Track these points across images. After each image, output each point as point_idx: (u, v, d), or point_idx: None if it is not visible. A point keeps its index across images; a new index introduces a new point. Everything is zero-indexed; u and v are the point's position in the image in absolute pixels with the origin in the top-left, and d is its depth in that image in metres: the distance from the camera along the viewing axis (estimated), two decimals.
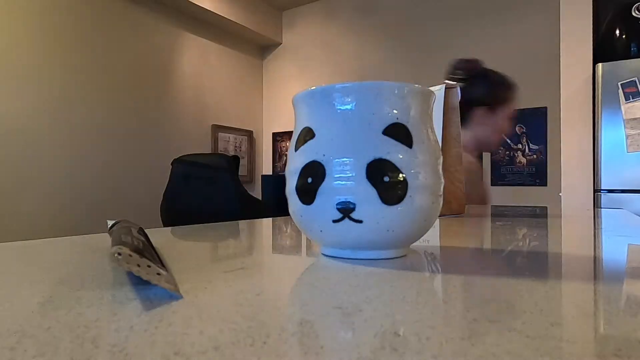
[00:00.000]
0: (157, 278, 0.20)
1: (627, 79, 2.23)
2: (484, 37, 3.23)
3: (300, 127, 0.31)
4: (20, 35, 2.59)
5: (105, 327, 0.16)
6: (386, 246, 0.29)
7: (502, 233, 0.50)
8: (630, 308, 0.19)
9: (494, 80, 1.44)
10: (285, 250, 0.37)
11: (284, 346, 0.14)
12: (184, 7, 3.55)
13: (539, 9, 3.03)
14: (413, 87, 0.29)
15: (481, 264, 0.31)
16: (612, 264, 0.31)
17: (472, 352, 0.13)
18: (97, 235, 0.50)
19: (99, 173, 2.97)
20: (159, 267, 0.21)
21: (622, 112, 2.24)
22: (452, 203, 0.73)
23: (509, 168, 3.12)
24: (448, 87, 0.72)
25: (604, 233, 0.52)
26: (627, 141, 2.23)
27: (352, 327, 0.16)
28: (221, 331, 0.15)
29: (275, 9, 4.32)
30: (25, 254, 0.34)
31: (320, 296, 0.20)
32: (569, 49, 2.47)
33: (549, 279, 0.26)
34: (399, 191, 0.27)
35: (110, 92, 3.09)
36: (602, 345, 0.15)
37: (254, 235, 0.48)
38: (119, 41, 3.16)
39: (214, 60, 3.92)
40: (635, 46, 2.40)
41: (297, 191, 0.30)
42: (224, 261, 0.29)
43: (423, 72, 3.47)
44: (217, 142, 3.91)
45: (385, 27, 3.66)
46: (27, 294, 0.21)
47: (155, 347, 0.14)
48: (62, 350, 0.13)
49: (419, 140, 0.28)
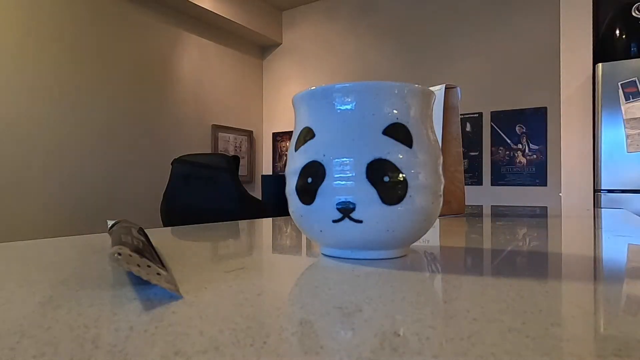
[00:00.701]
0: (157, 278, 0.20)
1: (627, 79, 2.23)
2: (484, 37, 3.23)
3: (300, 127, 0.31)
4: (19, 36, 2.59)
5: (105, 327, 0.16)
6: (386, 246, 0.29)
7: (502, 233, 0.50)
8: (630, 308, 0.19)
9: None
10: (285, 250, 0.37)
11: (284, 346, 0.14)
12: (184, 7, 3.55)
13: (539, 9, 3.03)
14: (413, 87, 0.29)
15: (481, 264, 0.31)
16: (612, 264, 0.31)
17: (472, 352, 0.13)
18: (97, 235, 0.50)
19: (99, 173, 2.97)
20: (159, 267, 0.21)
21: (622, 112, 2.24)
22: (452, 203, 0.73)
23: (509, 168, 3.12)
24: (448, 87, 0.72)
25: (604, 233, 0.52)
26: (627, 141, 2.23)
27: (352, 327, 0.16)
28: (221, 331, 0.15)
29: (275, 9, 4.32)
30: (25, 254, 0.34)
31: (320, 296, 0.20)
32: (569, 49, 2.47)
33: (549, 279, 0.26)
34: (399, 191, 0.27)
35: (110, 92, 3.09)
36: (602, 345, 0.15)
37: (254, 235, 0.48)
38: (119, 41, 3.16)
39: (214, 60, 3.92)
40: (635, 46, 2.40)
41: (297, 191, 0.30)
42: (224, 261, 0.29)
43: (423, 72, 3.47)
44: (217, 142, 3.91)
45: (385, 27, 3.66)
46: (27, 293, 0.21)
47: (155, 347, 0.14)
48: (62, 350, 0.13)
49: (419, 140, 0.28)
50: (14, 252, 0.35)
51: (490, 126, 3.19)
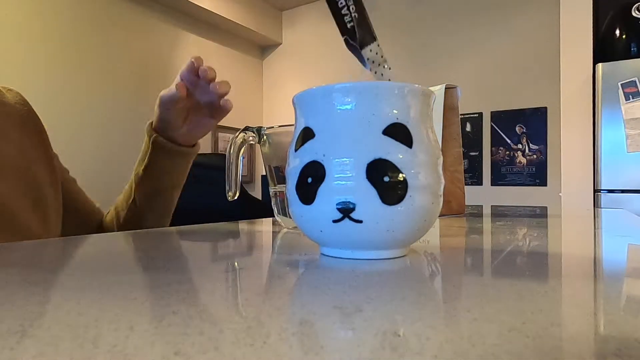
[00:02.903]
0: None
1: (627, 79, 2.23)
2: (484, 37, 3.23)
3: (300, 127, 0.31)
4: (19, 36, 2.59)
5: (105, 327, 0.16)
6: (386, 246, 0.29)
7: (502, 233, 0.50)
8: (630, 308, 0.19)
9: None
10: (285, 250, 0.37)
11: (284, 346, 0.14)
12: (184, 7, 3.55)
13: (538, 8, 3.03)
14: (413, 87, 0.29)
15: (481, 264, 0.31)
16: (612, 264, 0.31)
17: (472, 352, 0.13)
18: (97, 236, 0.50)
19: (99, 173, 2.97)
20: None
21: (622, 112, 2.24)
22: (452, 203, 0.73)
23: (509, 168, 3.12)
24: (448, 87, 0.72)
25: (604, 233, 0.52)
26: (627, 141, 2.23)
27: (352, 327, 0.16)
28: (221, 331, 0.15)
29: (275, 9, 4.32)
30: (25, 254, 0.34)
31: (320, 296, 0.20)
32: (569, 49, 2.47)
33: (549, 279, 0.26)
34: (399, 191, 0.27)
35: (110, 92, 3.09)
36: (602, 345, 0.15)
37: (253, 235, 0.48)
38: (119, 41, 3.16)
39: (214, 60, 3.91)
40: (635, 46, 2.40)
41: (297, 191, 0.30)
42: (224, 261, 0.29)
43: (423, 72, 3.47)
44: (217, 142, 3.91)
45: (384, 27, 3.66)
46: (27, 293, 0.21)
47: (155, 347, 0.14)
48: (62, 350, 0.13)
49: (419, 140, 0.28)
50: (14, 252, 0.35)
51: (490, 126, 3.19)
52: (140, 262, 0.31)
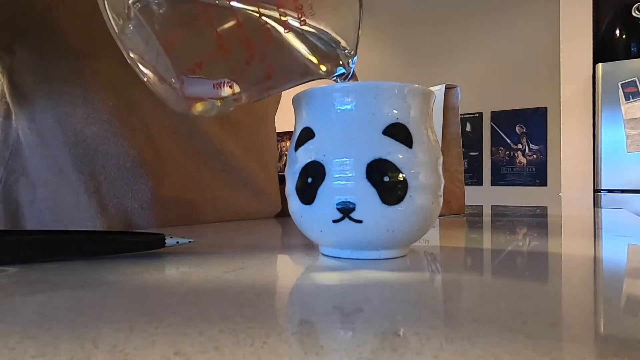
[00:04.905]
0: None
1: (627, 79, 2.23)
2: (484, 37, 3.23)
3: (300, 127, 0.31)
4: None
5: (105, 327, 0.16)
6: (386, 246, 0.29)
7: (502, 233, 0.50)
8: (630, 308, 0.19)
9: None
10: (285, 250, 0.37)
11: (284, 346, 0.14)
12: None
13: (539, 9, 3.03)
14: (413, 87, 0.29)
15: (481, 264, 0.31)
16: (612, 264, 0.31)
17: (472, 352, 0.13)
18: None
19: None
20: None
21: (622, 112, 2.24)
22: (452, 203, 0.73)
23: (509, 168, 3.12)
24: (448, 87, 0.72)
25: (604, 233, 0.52)
26: (627, 141, 2.23)
27: (352, 327, 0.16)
28: (221, 331, 0.15)
29: None
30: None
31: (320, 296, 0.20)
32: (569, 49, 2.47)
33: (549, 279, 0.26)
34: (399, 191, 0.27)
35: None
36: (602, 345, 0.15)
37: (253, 235, 0.48)
38: None
39: None
40: (635, 46, 2.40)
41: (297, 191, 0.30)
42: (224, 261, 0.29)
43: (423, 72, 3.47)
44: None
45: (384, 27, 3.66)
46: (27, 293, 0.21)
47: (155, 347, 0.14)
48: (62, 350, 0.13)
49: (419, 140, 0.28)
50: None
51: (490, 126, 3.19)
52: (140, 262, 0.31)
